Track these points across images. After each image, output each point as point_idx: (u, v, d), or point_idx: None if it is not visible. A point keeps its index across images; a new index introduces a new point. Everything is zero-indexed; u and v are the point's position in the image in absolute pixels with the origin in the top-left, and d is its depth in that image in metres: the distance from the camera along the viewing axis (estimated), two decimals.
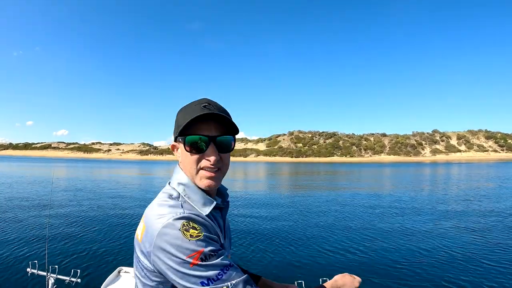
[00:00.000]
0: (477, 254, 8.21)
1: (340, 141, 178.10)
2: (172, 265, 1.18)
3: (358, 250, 8.68)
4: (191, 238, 1.18)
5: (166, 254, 1.18)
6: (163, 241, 1.18)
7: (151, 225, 1.23)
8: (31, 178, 28.93)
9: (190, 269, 1.16)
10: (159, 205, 1.30)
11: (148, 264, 1.25)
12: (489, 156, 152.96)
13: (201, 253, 1.18)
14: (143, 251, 1.25)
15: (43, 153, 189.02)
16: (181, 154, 1.37)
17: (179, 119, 1.34)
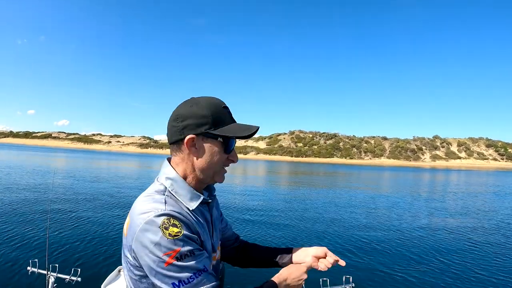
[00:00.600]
0: (472, 263, 8.24)
1: (341, 142, 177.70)
2: (148, 262, 1.19)
3: (355, 252, 8.70)
4: (169, 237, 1.18)
5: (144, 250, 1.19)
6: (143, 237, 1.19)
7: (134, 220, 1.24)
8: (32, 170, 28.84)
9: (164, 269, 1.18)
10: (144, 200, 1.31)
11: (131, 258, 1.26)
12: (489, 164, 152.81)
13: (177, 252, 1.19)
14: (127, 245, 1.27)
15: (43, 142, 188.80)
16: (205, 149, 1.37)
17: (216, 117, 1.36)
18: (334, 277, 3.38)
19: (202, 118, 1.34)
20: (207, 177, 1.42)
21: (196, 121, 1.34)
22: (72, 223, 10.77)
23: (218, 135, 1.36)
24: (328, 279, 3.17)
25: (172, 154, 1.44)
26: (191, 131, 1.34)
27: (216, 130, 1.35)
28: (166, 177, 1.38)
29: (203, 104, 1.36)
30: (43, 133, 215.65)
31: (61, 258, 7.48)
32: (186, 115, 1.35)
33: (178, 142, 1.38)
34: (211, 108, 1.36)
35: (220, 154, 1.39)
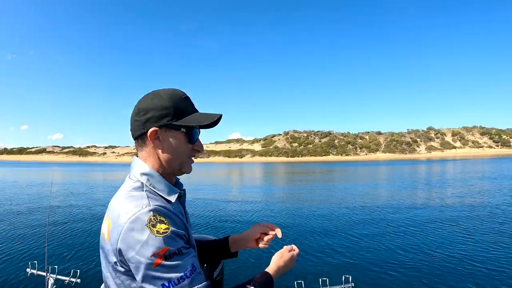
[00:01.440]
0: (472, 261, 8.25)
1: (336, 140, 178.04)
2: (135, 263, 1.14)
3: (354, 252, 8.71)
4: (157, 235, 1.14)
5: (131, 251, 1.14)
6: (129, 237, 1.14)
7: (117, 221, 1.19)
8: (30, 180, 28.95)
9: (153, 270, 1.13)
10: (123, 198, 1.26)
11: (117, 262, 1.20)
12: (484, 152, 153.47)
13: (166, 251, 1.14)
14: (112, 249, 1.20)
15: (38, 158, 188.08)
16: (171, 141, 1.36)
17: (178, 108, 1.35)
18: (334, 277, 3.37)
19: (164, 109, 1.32)
20: (174, 169, 1.39)
21: (158, 113, 1.32)
22: (71, 225, 10.80)
23: (181, 126, 1.34)
24: (327, 279, 3.16)
25: (138, 149, 1.40)
26: (154, 123, 1.32)
27: (179, 121, 1.34)
28: (140, 172, 1.34)
29: (164, 95, 1.35)
30: (38, 148, 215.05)
31: (60, 260, 7.52)
32: (148, 108, 1.33)
33: (142, 136, 1.35)
34: (172, 99, 1.34)
35: (185, 144, 1.38)
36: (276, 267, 1.60)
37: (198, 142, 1.44)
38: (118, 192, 1.33)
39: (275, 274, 1.58)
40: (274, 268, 1.59)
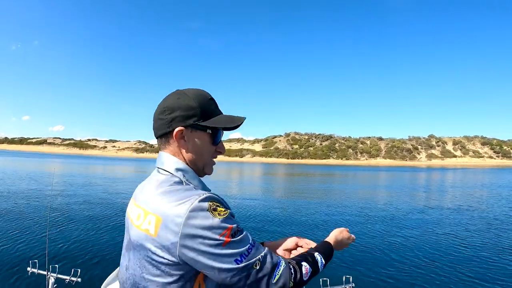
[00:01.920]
0: (472, 260, 8.24)
1: (337, 143, 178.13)
2: (205, 249, 1.14)
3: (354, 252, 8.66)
4: (219, 217, 1.16)
5: (197, 239, 1.14)
6: (192, 226, 1.13)
7: (171, 213, 1.16)
8: (31, 174, 28.78)
9: (223, 248, 1.15)
10: (167, 192, 1.23)
11: (171, 257, 1.17)
12: (485, 162, 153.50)
13: (231, 229, 1.17)
14: (164, 245, 1.17)
15: (38, 148, 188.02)
16: (196, 142, 1.35)
17: (204, 109, 1.35)
18: (334, 277, 3.36)
19: (191, 109, 1.32)
20: (198, 170, 1.40)
21: (184, 113, 1.31)
22: (72, 224, 10.74)
23: (207, 127, 1.34)
24: (328, 279, 3.16)
25: (161, 148, 1.40)
26: (180, 123, 1.31)
27: (205, 121, 1.34)
28: (176, 168, 1.33)
29: (191, 95, 1.35)
30: (38, 139, 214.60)
31: (61, 258, 7.45)
32: (174, 107, 1.33)
33: (166, 135, 1.36)
34: (199, 99, 1.35)
35: (209, 145, 1.38)
36: (335, 240, 1.64)
37: (221, 143, 1.45)
38: (153, 186, 1.30)
39: (335, 246, 1.62)
40: (334, 240, 1.64)
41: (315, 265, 1.41)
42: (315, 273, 1.41)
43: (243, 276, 1.19)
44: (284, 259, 1.32)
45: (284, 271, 1.26)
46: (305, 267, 1.36)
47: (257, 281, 1.21)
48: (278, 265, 1.26)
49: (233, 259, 1.17)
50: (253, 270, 1.20)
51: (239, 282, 1.19)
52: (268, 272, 1.23)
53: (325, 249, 1.54)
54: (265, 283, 1.22)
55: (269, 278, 1.22)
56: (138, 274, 1.26)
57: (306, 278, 1.35)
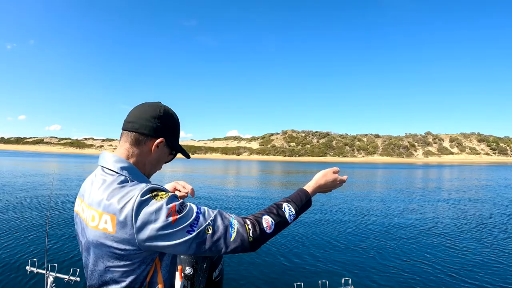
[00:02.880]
0: (471, 260, 8.22)
1: (333, 141, 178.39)
2: (159, 233, 1.24)
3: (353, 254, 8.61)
4: (162, 200, 1.27)
5: (149, 225, 1.23)
6: (141, 215, 1.23)
7: (122, 210, 1.26)
8: (30, 174, 28.66)
9: (173, 226, 1.24)
10: (116, 190, 1.32)
11: (131, 247, 1.27)
12: (481, 159, 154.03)
13: (175, 207, 1.27)
14: (123, 239, 1.26)
15: (35, 148, 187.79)
16: (161, 152, 1.51)
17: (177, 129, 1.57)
18: (333, 280, 3.34)
19: (173, 129, 1.53)
20: (149, 173, 1.53)
21: (168, 129, 1.50)
22: (71, 222, 10.65)
23: (174, 148, 1.57)
24: (327, 281, 3.11)
25: (127, 140, 1.47)
26: (163, 135, 1.47)
27: (174, 144, 1.55)
28: (121, 166, 1.41)
29: (175, 117, 1.56)
30: (35, 139, 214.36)
31: (60, 257, 7.38)
32: (164, 119, 1.48)
33: (147, 136, 1.45)
34: (177, 123, 1.56)
35: (166, 158, 1.57)
36: (316, 184, 1.67)
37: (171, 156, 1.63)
38: (102, 186, 1.37)
39: (313, 191, 1.65)
40: (313, 185, 1.66)
41: (280, 217, 1.45)
42: (284, 224, 1.46)
43: (200, 243, 1.28)
44: (239, 217, 1.40)
45: (239, 228, 1.35)
46: (266, 220, 1.41)
47: (215, 243, 1.30)
48: (231, 224, 1.35)
49: (185, 231, 1.26)
50: (207, 235, 1.29)
51: (199, 250, 1.29)
52: (223, 233, 1.31)
53: (298, 199, 1.56)
54: (223, 244, 1.31)
55: (226, 238, 1.31)
56: (102, 268, 1.35)
57: (270, 231, 1.40)
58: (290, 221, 1.49)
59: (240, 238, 1.33)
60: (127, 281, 1.34)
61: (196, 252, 1.29)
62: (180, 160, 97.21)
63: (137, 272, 1.33)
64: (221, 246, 1.31)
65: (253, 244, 1.37)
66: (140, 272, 1.33)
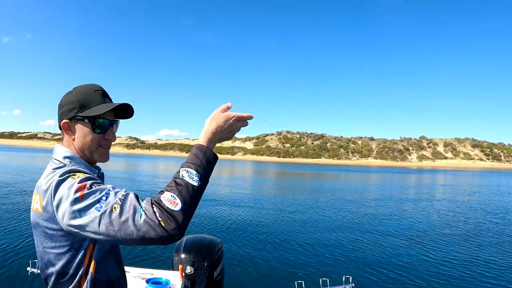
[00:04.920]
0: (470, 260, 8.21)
1: (328, 143, 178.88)
2: (69, 208, 1.24)
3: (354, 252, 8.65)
4: (76, 178, 1.31)
5: (63, 201, 1.26)
6: (58, 192, 1.28)
7: (47, 189, 1.33)
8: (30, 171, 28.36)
9: (81, 201, 1.23)
10: (47, 175, 1.41)
11: (55, 226, 1.31)
12: (475, 164, 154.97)
13: (86, 184, 1.28)
14: (49, 217, 1.32)
15: (29, 143, 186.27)
16: (78, 132, 1.50)
17: (83, 101, 1.50)
18: (334, 277, 3.26)
19: (71, 103, 1.50)
20: (86, 157, 1.54)
21: (68, 107, 1.50)
22: None
23: (84, 117, 1.48)
24: (328, 279, 3.05)
25: (62, 138, 1.57)
26: (65, 116, 1.50)
27: (83, 112, 1.49)
28: (63, 156, 1.48)
29: (74, 91, 1.54)
30: (29, 134, 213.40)
31: None
32: (63, 103, 1.53)
33: (60, 128, 1.54)
34: (81, 93, 1.52)
35: (91, 134, 1.50)
36: (207, 133, 1.43)
37: (110, 132, 1.57)
38: (43, 173, 1.47)
39: (208, 141, 1.42)
40: (205, 135, 1.43)
41: (181, 186, 1.28)
42: (193, 191, 1.28)
43: (109, 224, 1.20)
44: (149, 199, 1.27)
45: (147, 209, 1.22)
46: (165, 198, 1.25)
47: (123, 224, 1.20)
48: (140, 205, 1.23)
49: (94, 208, 1.22)
50: (113, 214, 1.21)
51: (109, 232, 1.21)
52: (131, 214, 1.21)
53: (193, 157, 1.37)
54: (132, 226, 1.19)
55: (134, 220, 1.20)
56: (41, 250, 1.40)
57: (180, 207, 1.24)
58: (198, 184, 1.30)
59: (150, 221, 1.19)
60: (60, 264, 1.36)
61: (106, 235, 1.22)
62: (176, 159, 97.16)
63: (68, 257, 1.35)
64: (131, 228, 1.19)
65: (166, 229, 1.20)
66: (71, 257, 1.35)
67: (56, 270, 1.37)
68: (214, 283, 3.28)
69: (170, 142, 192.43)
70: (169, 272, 3.16)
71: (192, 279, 3.13)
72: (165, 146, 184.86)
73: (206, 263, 3.22)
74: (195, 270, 3.16)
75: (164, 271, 3.11)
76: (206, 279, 3.21)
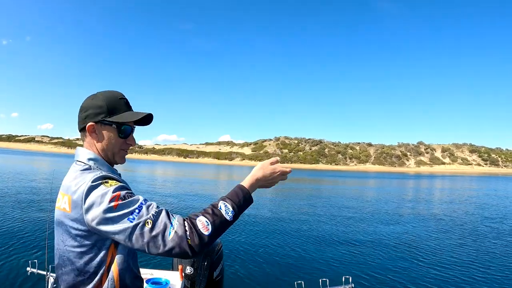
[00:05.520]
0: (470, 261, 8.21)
1: (326, 148, 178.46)
2: (102, 215, 1.34)
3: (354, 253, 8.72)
4: (110, 186, 1.39)
5: (95, 207, 1.35)
6: (90, 197, 1.36)
7: (76, 191, 1.42)
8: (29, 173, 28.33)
9: (115, 211, 1.33)
10: (76, 176, 1.50)
11: (82, 227, 1.40)
12: (473, 169, 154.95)
13: (120, 194, 1.38)
14: (76, 218, 1.40)
15: (26, 146, 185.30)
16: (104, 135, 1.62)
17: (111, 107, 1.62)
18: (334, 278, 3.27)
19: (99, 108, 1.60)
20: (108, 159, 1.66)
21: (94, 111, 1.60)
22: None
23: (112, 122, 1.61)
24: (327, 279, 3.05)
25: (82, 140, 1.69)
26: (91, 119, 1.60)
27: (111, 117, 1.61)
28: (88, 158, 1.59)
29: (101, 96, 1.64)
30: (26, 137, 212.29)
31: None
32: (87, 106, 1.62)
33: (83, 130, 1.65)
34: (107, 99, 1.63)
35: (115, 138, 1.64)
36: (253, 178, 1.64)
37: (131, 137, 1.70)
38: (69, 174, 1.59)
39: (251, 185, 1.62)
40: (250, 179, 1.64)
41: (216, 216, 1.45)
42: (223, 224, 1.46)
43: (139, 235, 1.33)
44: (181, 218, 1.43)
45: (178, 228, 1.36)
46: (201, 222, 1.41)
47: (153, 239, 1.33)
48: (171, 223, 1.37)
49: (126, 218, 1.33)
50: (145, 228, 1.33)
51: (137, 242, 1.34)
52: (161, 230, 1.34)
53: (235, 196, 1.56)
54: (161, 241, 1.33)
55: (164, 236, 1.33)
56: (62, 248, 1.49)
57: (208, 233, 1.39)
58: (230, 220, 1.48)
59: (178, 238, 1.34)
60: (81, 262, 1.44)
61: (134, 244, 1.34)
62: (174, 164, 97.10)
63: (90, 255, 1.43)
64: (159, 243, 1.32)
65: (192, 248, 1.35)
66: (93, 255, 1.43)
67: (76, 268, 1.45)
68: (213, 283, 3.28)
69: (168, 147, 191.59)
70: (169, 272, 3.17)
71: (192, 279, 3.13)
72: (162, 151, 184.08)
73: (205, 263, 3.21)
74: (195, 270, 3.15)
75: (164, 271, 3.12)
76: (206, 279, 3.20)
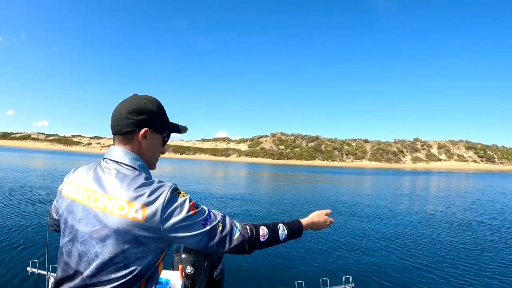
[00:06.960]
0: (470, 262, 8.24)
1: (322, 145, 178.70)
2: (181, 223, 1.44)
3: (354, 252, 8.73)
4: (184, 197, 1.49)
5: (175, 216, 1.43)
6: (168, 208, 1.43)
7: (153, 201, 1.43)
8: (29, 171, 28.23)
9: (193, 217, 1.46)
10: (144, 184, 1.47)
11: (155, 235, 1.44)
12: (469, 166, 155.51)
13: (194, 203, 1.50)
14: (150, 227, 1.43)
15: (22, 144, 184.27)
16: (153, 142, 1.64)
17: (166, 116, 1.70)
18: (334, 277, 3.26)
19: (154, 114, 1.62)
20: (148, 163, 1.66)
21: (150, 116, 1.60)
22: None
23: (168, 131, 1.69)
24: (328, 279, 3.04)
25: (120, 142, 1.61)
26: (148, 125, 1.59)
27: (162, 126, 1.67)
28: (138, 164, 1.58)
29: (154, 101, 1.65)
30: (22, 134, 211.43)
31: None
32: (142, 110, 1.59)
33: (131, 133, 1.59)
34: (160, 107, 1.66)
35: (160, 146, 1.70)
36: (310, 221, 1.97)
37: (165, 147, 1.76)
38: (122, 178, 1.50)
39: (306, 226, 1.93)
40: (308, 220, 1.96)
41: (274, 232, 1.73)
42: (274, 241, 1.74)
43: (211, 237, 1.50)
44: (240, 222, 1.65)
45: (242, 229, 1.61)
46: (263, 230, 1.69)
47: (222, 239, 1.52)
48: (235, 225, 1.60)
49: (201, 224, 1.47)
50: (217, 230, 1.52)
51: (208, 243, 1.50)
52: (229, 231, 1.55)
53: (292, 225, 1.84)
54: (228, 240, 1.54)
55: (231, 236, 1.55)
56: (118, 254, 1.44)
57: (264, 240, 1.68)
58: (281, 240, 1.76)
59: (242, 238, 1.57)
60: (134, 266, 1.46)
61: (206, 245, 1.51)
62: (170, 160, 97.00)
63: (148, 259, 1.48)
64: (226, 242, 1.53)
65: (250, 246, 1.61)
66: (151, 260, 1.50)
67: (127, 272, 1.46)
68: (214, 283, 3.27)
69: None
70: (169, 272, 3.15)
71: (192, 279, 3.12)
72: None
73: (206, 263, 3.20)
74: (195, 270, 3.15)
75: (164, 271, 3.08)
76: (206, 279, 3.19)
